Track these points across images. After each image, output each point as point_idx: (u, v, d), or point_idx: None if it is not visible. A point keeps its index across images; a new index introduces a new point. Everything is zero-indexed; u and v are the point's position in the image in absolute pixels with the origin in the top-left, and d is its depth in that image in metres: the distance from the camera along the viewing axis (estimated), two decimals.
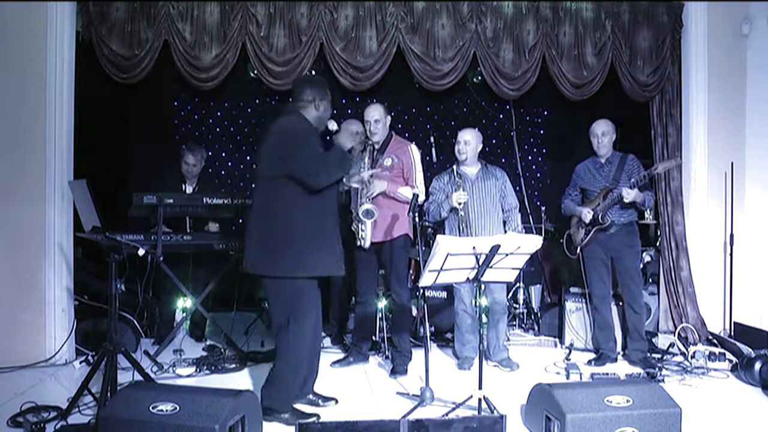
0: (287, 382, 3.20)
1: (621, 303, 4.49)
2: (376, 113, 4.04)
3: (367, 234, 3.98)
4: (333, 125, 3.38)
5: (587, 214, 4.27)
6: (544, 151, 7.36)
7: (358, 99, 6.49)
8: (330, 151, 3.18)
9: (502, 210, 4.33)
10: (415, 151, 4.13)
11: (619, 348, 4.48)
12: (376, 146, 4.08)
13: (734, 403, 3.61)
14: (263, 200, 3.15)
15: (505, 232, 4.23)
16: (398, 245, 4.09)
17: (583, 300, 4.71)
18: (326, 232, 3.18)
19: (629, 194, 4.06)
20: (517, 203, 4.41)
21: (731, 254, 4.76)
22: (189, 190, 4.88)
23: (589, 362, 4.34)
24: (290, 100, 3.32)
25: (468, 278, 3.18)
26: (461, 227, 4.15)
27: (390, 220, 4.03)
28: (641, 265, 4.63)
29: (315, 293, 3.25)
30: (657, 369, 4.10)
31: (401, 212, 4.05)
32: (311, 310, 3.22)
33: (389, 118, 4.13)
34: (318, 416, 3.27)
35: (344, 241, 4.36)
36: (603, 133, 4.30)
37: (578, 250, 4.39)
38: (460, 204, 4.11)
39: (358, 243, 4.03)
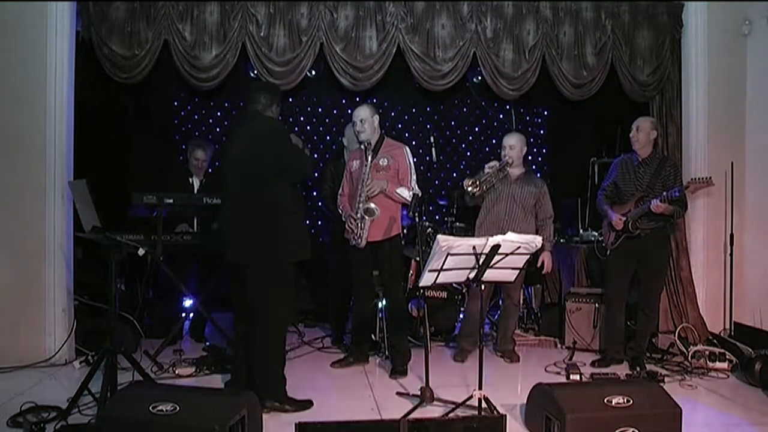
0: (281, 370, 3.37)
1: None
2: (362, 113, 4.06)
3: (364, 233, 3.98)
4: None
5: (618, 222, 4.19)
6: (544, 151, 7.36)
7: (358, 99, 6.48)
8: (298, 149, 3.59)
9: (536, 218, 4.39)
10: (409, 154, 4.16)
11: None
12: (369, 147, 4.07)
13: (734, 403, 3.61)
14: (260, 197, 3.30)
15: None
16: (395, 245, 4.12)
17: (590, 300, 4.71)
18: (302, 221, 3.56)
19: (658, 207, 3.98)
20: (552, 214, 4.44)
21: (731, 254, 4.76)
22: (197, 183, 4.91)
23: (594, 363, 4.34)
24: (245, 103, 3.56)
25: (468, 278, 3.18)
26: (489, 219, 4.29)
27: (388, 220, 4.04)
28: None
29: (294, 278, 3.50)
30: (643, 371, 4.09)
31: (396, 213, 4.11)
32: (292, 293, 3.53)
33: (377, 117, 4.12)
34: (311, 402, 3.43)
35: (341, 240, 4.40)
36: (638, 128, 4.21)
37: (608, 252, 4.34)
38: (490, 168, 4.24)
39: (353, 242, 4.03)
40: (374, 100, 5.92)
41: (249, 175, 3.30)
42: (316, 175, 6.34)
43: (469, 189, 4.22)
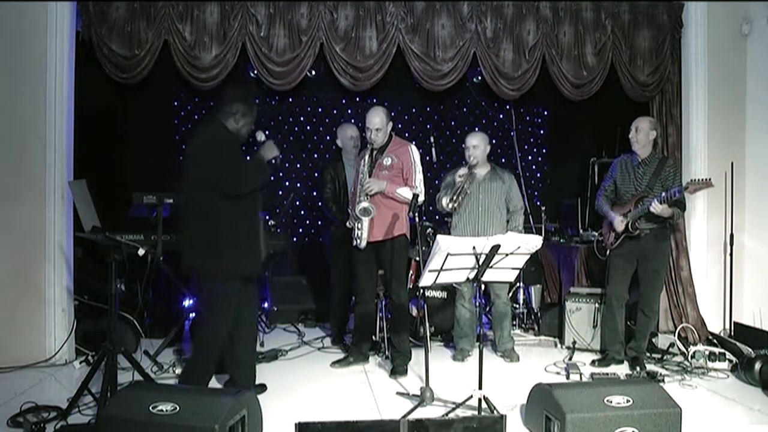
0: (200, 368, 3.38)
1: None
2: (377, 121, 4.00)
3: (363, 234, 3.98)
4: (261, 136, 3.64)
5: (620, 224, 4.17)
6: (544, 151, 7.36)
7: (358, 99, 6.49)
8: (249, 161, 3.47)
9: (507, 211, 4.44)
10: (415, 151, 4.13)
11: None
12: (376, 147, 4.08)
13: (734, 403, 3.62)
14: (193, 204, 3.33)
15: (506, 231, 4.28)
16: (398, 245, 4.08)
17: (590, 300, 4.71)
18: (247, 236, 3.40)
19: (656, 208, 3.95)
20: (523, 206, 4.51)
21: (731, 254, 4.76)
22: None
23: (594, 362, 4.34)
24: (216, 105, 3.57)
25: (468, 278, 3.18)
26: (461, 216, 4.31)
27: (390, 219, 4.03)
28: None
29: (237, 290, 3.38)
30: (643, 371, 4.09)
31: (401, 212, 4.06)
32: (230, 306, 3.36)
33: (390, 124, 4.11)
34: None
35: (342, 241, 4.41)
36: (637, 129, 4.19)
37: (607, 253, 4.34)
38: (461, 177, 4.24)
39: (354, 243, 4.04)
40: (374, 100, 5.91)
41: (189, 182, 3.32)
42: (316, 175, 6.35)
43: (450, 206, 4.26)
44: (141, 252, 3.44)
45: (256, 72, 4.64)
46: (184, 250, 3.35)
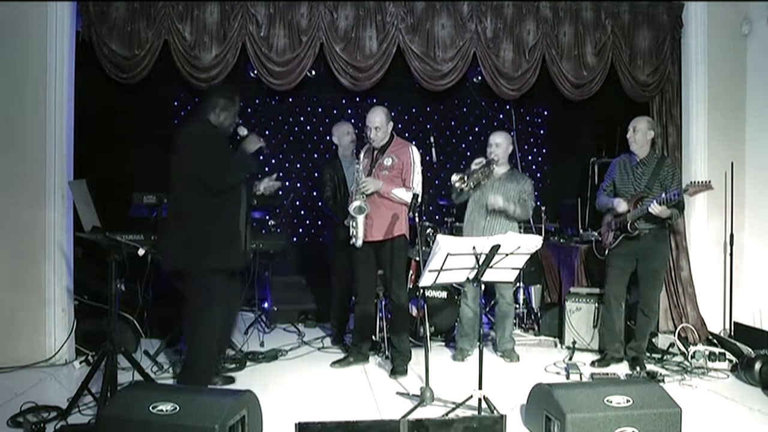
0: (199, 367, 3.42)
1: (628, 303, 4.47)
2: (377, 120, 4.02)
3: (359, 232, 3.98)
4: (243, 131, 3.65)
5: (621, 203, 4.13)
6: (544, 151, 7.37)
7: (358, 99, 6.49)
8: (233, 156, 3.48)
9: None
10: (415, 152, 4.14)
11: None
12: (376, 146, 4.08)
13: (734, 403, 3.61)
14: (177, 202, 3.39)
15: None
16: (398, 245, 4.09)
17: (590, 300, 4.71)
18: (230, 230, 3.45)
19: (655, 209, 3.94)
20: (533, 205, 4.48)
21: (731, 254, 4.76)
22: None
23: (593, 363, 4.34)
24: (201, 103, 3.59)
25: (468, 278, 3.18)
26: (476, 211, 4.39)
27: (390, 219, 4.03)
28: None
29: (224, 285, 3.46)
30: (643, 371, 4.09)
31: (401, 212, 4.06)
32: (219, 300, 3.43)
33: (391, 123, 4.12)
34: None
35: (344, 241, 4.40)
36: (635, 129, 4.19)
37: (606, 252, 4.34)
38: (476, 165, 4.28)
39: (351, 241, 4.04)
40: (374, 100, 5.91)
41: (173, 177, 3.38)
42: (316, 175, 6.36)
43: (457, 185, 4.27)
44: (141, 252, 3.44)
45: (256, 72, 4.64)
46: (166, 249, 3.41)
